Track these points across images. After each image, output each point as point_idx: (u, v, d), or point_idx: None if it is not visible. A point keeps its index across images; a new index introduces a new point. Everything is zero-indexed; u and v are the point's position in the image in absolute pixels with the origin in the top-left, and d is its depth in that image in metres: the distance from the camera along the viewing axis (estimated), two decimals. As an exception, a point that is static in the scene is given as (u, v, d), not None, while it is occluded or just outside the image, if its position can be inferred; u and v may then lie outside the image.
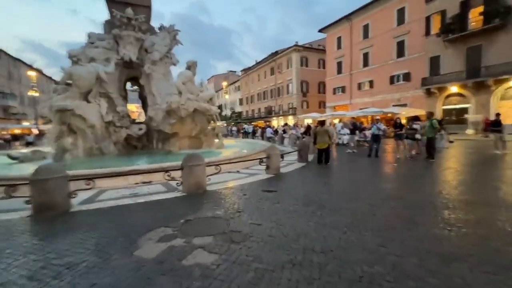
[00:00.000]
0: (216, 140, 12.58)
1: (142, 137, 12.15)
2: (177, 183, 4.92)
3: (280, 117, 42.28)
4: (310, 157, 9.47)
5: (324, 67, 37.59)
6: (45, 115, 10.48)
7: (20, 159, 9.61)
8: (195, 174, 4.92)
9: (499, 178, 5.80)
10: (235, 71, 72.80)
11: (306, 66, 39.32)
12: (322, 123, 9.43)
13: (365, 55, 29.27)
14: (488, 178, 5.84)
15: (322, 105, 38.34)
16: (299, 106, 39.05)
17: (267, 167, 6.64)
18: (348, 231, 2.97)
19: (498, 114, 9.78)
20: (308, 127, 12.40)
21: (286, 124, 24.59)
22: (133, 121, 12.56)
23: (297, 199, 4.35)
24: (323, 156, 8.43)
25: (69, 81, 9.83)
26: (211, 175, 5.34)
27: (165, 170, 4.99)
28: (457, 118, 21.64)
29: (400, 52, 25.60)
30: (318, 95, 39.69)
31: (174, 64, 13.02)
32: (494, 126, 9.76)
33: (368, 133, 12.84)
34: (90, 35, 12.04)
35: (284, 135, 18.72)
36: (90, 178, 4.37)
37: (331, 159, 8.74)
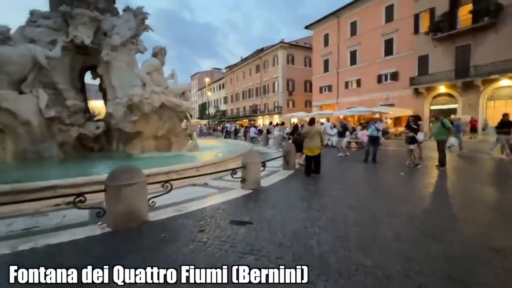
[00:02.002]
0: (190, 141, 10.78)
1: (100, 137, 10.13)
2: (98, 213, 3.17)
3: (266, 115, 40.81)
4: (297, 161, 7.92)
5: (310, 66, 36.43)
6: None
7: None
8: (127, 199, 3.18)
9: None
10: (219, 69, 70.26)
11: (292, 64, 38.02)
12: (311, 121, 7.19)
13: (353, 53, 28.29)
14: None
15: (308, 104, 37.21)
16: (285, 105, 37.74)
17: (243, 180, 5.00)
18: None
19: (506, 114, 8.67)
20: (296, 127, 10.83)
21: (271, 123, 23.12)
22: (90, 118, 10.49)
23: (282, 242, 2.72)
24: (313, 164, 6.60)
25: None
26: (158, 195, 3.64)
27: (80, 192, 3.20)
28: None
29: (388, 50, 24.79)
30: (304, 94, 38.55)
31: (142, 52, 11.00)
32: (502, 127, 8.64)
33: (360, 133, 11.52)
34: (32, 13, 9.83)
35: (268, 135, 17.27)
36: None
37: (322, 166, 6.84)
